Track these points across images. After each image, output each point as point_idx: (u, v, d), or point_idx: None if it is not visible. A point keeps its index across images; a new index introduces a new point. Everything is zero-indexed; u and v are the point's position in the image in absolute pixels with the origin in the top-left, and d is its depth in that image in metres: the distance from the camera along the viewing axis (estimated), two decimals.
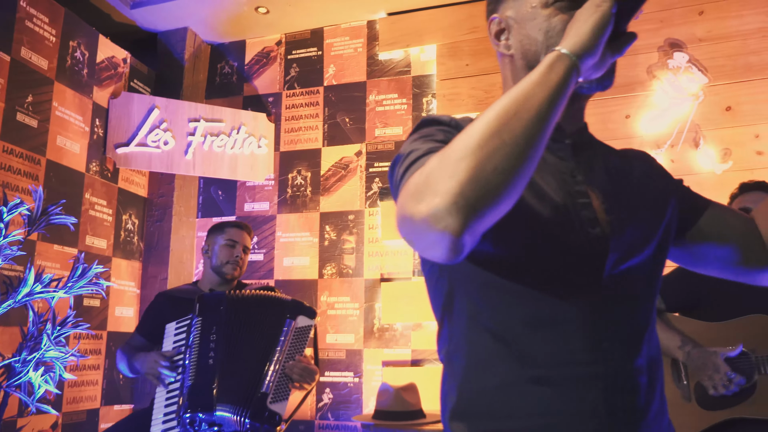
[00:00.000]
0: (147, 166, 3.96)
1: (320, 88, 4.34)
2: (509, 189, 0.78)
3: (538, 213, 0.95)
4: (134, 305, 4.02)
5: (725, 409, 2.09)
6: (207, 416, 2.27)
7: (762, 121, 3.47)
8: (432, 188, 0.76)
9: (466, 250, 0.79)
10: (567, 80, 0.84)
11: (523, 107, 0.81)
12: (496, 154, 0.77)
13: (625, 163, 1.13)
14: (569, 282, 0.95)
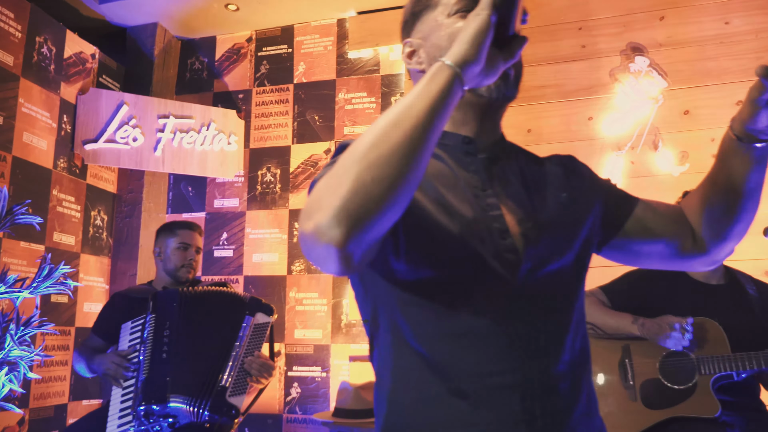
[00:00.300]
0: (116, 163, 3.96)
1: (290, 85, 4.37)
2: (390, 198, 0.80)
3: (449, 229, 0.98)
4: (103, 301, 4.03)
5: (668, 408, 2.18)
6: (161, 408, 2.33)
7: (718, 125, 3.57)
8: (318, 204, 0.80)
9: (357, 260, 0.83)
10: (448, 90, 0.86)
11: (404, 118, 0.83)
12: (375, 165, 0.79)
13: (545, 170, 1.15)
14: (483, 294, 0.98)
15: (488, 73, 0.92)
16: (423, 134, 0.83)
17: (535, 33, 3.94)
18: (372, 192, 0.79)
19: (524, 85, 3.64)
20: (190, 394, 2.37)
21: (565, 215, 1.08)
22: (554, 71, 3.89)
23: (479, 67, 0.89)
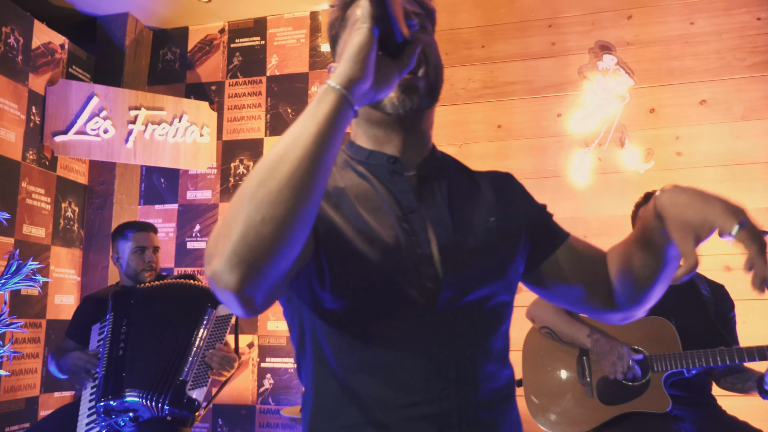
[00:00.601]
0: (86, 155, 3.94)
1: (263, 77, 4.37)
2: (282, 237, 0.77)
3: (369, 257, 0.96)
4: (74, 293, 4.03)
5: (622, 403, 2.27)
6: (118, 403, 2.37)
7: (682, 123, 3.66)
8: (214, 249, 0.78)
9: (260, 302, 0.80)
10: (335, 113, 0.82)
11: (291, 150, 0.79)
12: (264, 204, 0.76)
13: (476, 190, 1.12)
14: (403, 325, 0.97)
15: (381, 87, 0.88)
16: (312, 165, 0.79)
17: (506, 29, 3.99)
18: (262, 233, 0.75)
19: (495, 81, 3.71)
20: (146, 387, 2.40)
21: (491, 241, 1.05)
22: (524, 68, 3.94)
23: (368, 84, 0.85)
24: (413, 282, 0.97)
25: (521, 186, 1.21)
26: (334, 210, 1.00)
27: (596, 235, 3.63)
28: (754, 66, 3.60)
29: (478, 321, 1.01)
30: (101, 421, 2.40)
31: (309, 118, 0.82)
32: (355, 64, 0.83)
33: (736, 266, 3.35)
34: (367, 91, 0.86)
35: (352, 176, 1.07)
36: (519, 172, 3.81)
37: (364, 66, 0.84)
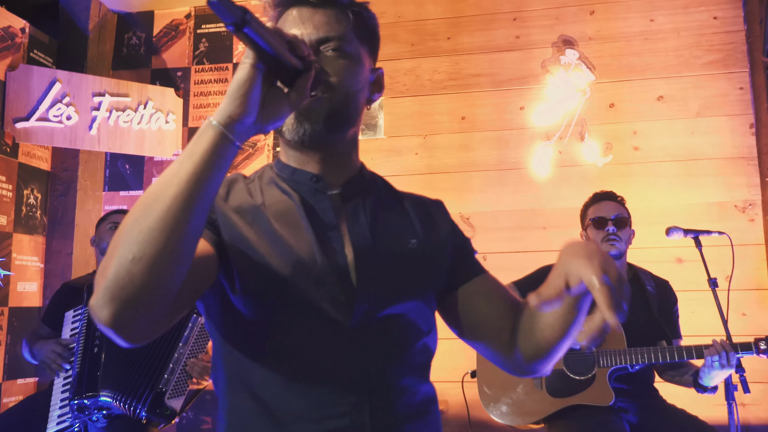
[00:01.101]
0: (49, 142, 3.91)
1: (229, 65, 4.35)
2: (154, 276, 0.78)
3: (284, 272, 0.98)
4: (38, 280, 4.03)
5: (570, 396, 2.38)
6: (92, 402, 2.39)
7: (640, 118, 3.75)
8: (96, 282, 0.81)
9: (140, 333, 0.82)
10: (213, 151, 0.83)
11: (166, 189, 0.80)
12: (134, 244, 0.78)
13: (402, 211, 1.15)
14: (317, 338, 0.99)
15: (269, 120, 0.89)
16: (186, 204, 0.80)
17: (472, 22, 4.03)
18: (133, 271, 0.77)
19: (460, 73, 3.77)
20: (122, 390, 2.42)
21: (410, 262, 1.08)
22: (489, 60, 3.99)
23: (250, 119, 0.86)
24: (327, 296, 0.99)
25: (449, 216, 1.23)
26: (249, 227, 1.02)
27: (555, 226, 3.73)
28: (710, 64, 3.70)
29: (393, 336, 1.04)
30: (74, 417, 2.42)
31: (187, 156, 0.83)
32: (235, 101, 0.84)
33: (687, 258, 3.48)
34: (251, 125, 0.87)
35: (276, 193, 1.09)
36: (482, 163, 3.90)
37: (244, 102, 0.84)
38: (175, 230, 0.80)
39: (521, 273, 3.69)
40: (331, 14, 1.06)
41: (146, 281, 0.78)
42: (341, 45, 1.05)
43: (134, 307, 0.79)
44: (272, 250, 1.00)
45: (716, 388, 2.28)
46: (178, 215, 0.80)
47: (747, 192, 3.57)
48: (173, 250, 0.80)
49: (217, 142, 0.83)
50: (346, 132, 1.09)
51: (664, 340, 2.45)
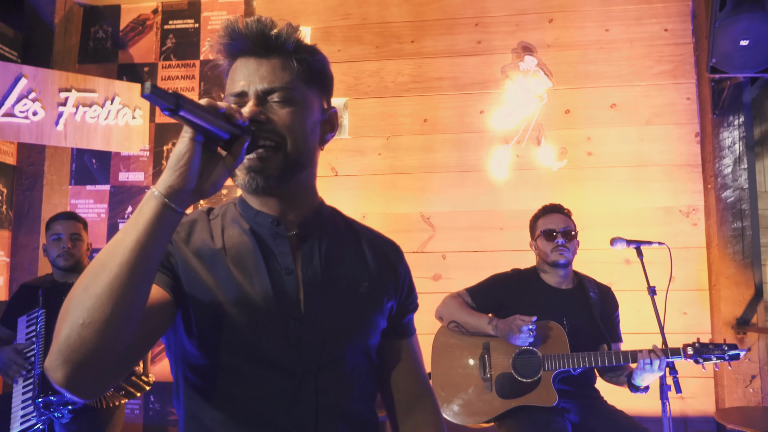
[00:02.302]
0: (15, 138, 3.93)
1: (196, 61, 4.40)
2: (103, 338, 0.85)
3: (237, 320, 1.06)
4: (4, 274, 4.06)
5: (517, 398, 2.55)
6: (58, 398, 2.50)
7: (594, 125, 3.92)
8: (52, 344, 0.87)
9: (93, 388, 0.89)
10: (156, 219, 0.88)
11: (112, 257, 0.86)
12: (84, 310, 0.84)
13: (358, 250, 1.22)
14: (266, 388, 1.07)
15: (209, 185, 0.94)
16: (132, 271, 0.86)
17: (435, 26, 4.14)
18: (83, 335, 0.84)
19: (423, 76, 3.93)
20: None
21: (359, 306, 1.16)
22: (451, 64, 4.11)
23: (191, 187, 0.91)
24: (277, 346, 1.07)
25: (406, 265, 1.31)
26: (207, 272, 1.09)
27: (511, 227, 3.90)
28: (660, 74, 3.88)
29: (339, 380, 1.12)
30: (39, 414, 2.52)
31: (132, 225, 0.89)
32: (175, 173, 0.90)
33: (634, 260, 3.66)
34: (191, 192, 0.92)
35: (237, 233, 1.15)
36: (443, 165, 4.04)
37: (184, 173, 0.90)
38: (122, 296, 0.86)
39: (478, 271, 3.85)
40: (276, 64, 1.11)
41: (96, 344, 0.84)
42: (286, 94, 1.10)
43: (86, 369, 0.85)
44: (228, 297, 1.07)
45: (648, 388, 2.48)
46: (125, 282, 0.86)
47: (691, 197, 3.78)
48: (121, 314, 0.86)
49: (159, 211, 0.89)
50: (302, 173, 1.15)
51: (605, 344, 2.64)
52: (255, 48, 1.11)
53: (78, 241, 3.00)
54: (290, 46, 1.12)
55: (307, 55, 1.15)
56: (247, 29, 1.10)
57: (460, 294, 2.77)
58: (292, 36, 1.12)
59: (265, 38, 1.10)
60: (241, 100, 1.10)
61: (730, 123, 3.67)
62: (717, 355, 2.41)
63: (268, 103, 1.10)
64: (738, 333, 3.55)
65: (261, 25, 1.10)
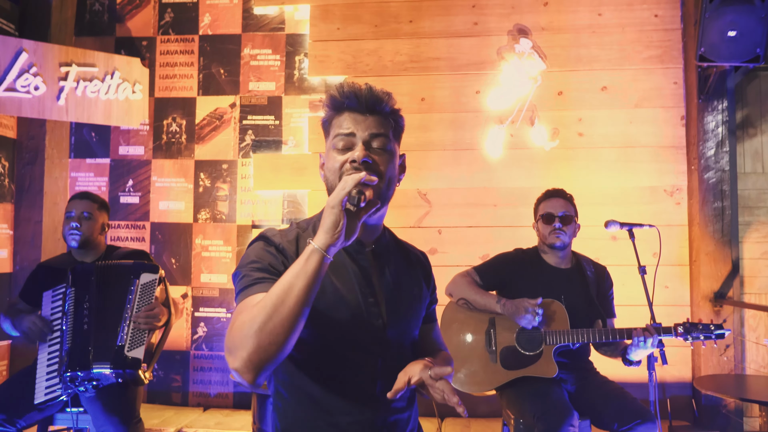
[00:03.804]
0: (17, 112, 3.95)
1: (195, 36, 4.43)
2: (282, 350, 1.22)
3: (335, 312, 1.41)
4: (8, 246, 4.13)
5: (520, 369, 2.75)
6: (85, 374, 2.64)
7: (585, 106, 4.09)
8: (235, 352, 1.22)
9: (263, 381, 1.24)
10: (318, 267, 1.23)
11: (288, 296, 1.21)
12: (271, 333, 1.20)
13: (407, 263, 1.60)
14: (359, 358, 1.43)
15: (351, 236, 1.28)
16: (303, 306, 1.22)
17: (432, 7, 4.23)
18: (269, 350, 1.21)
19: (420, 56, 4.09)
20: (107, 359, 2.68)
21: (413, 305, 1.56)
22: (447, 45, 4.22)
23: (340, 242, 1.25)
24: (368, 330, 1.45)
25: (430, 268, 1.70)
26: None
27: (504, 204, 4.08)
28: (649, 59, 4.04)
29: (403, 360, 1.47)
30: (65, 388, 2.65)
31: (300, 272, 1.23)
32: (330, 236, 1.24)
33: (620, 237, 3.89)
34: (340, 244, 1.26)
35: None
36: (439, 143, 4.19)
37: (336, 236, 1.24)
38: (297, 323, 1.22)
39: (472, 246, 4.04)
40: (378, 120, 1.44)
41: (277, 355, 1.22)
42: (385, 142, 1.43)
43: (266, 370, 1.23)
44: (329, 301, 1.41)
45: (640, 362, 2.70)
46: (298, 314, 1.22)
47: (675, 178, 3.99)
48: (294, 334, 1.23)
49: (320, 261, 1.24)
50: (386, 206, 1.48)
51: (600, 320, 2.85)
52: (364, 107, 1.43)
53: (87, 221, 3.06)
54: (388, 109, 1.46)
55: (396, 117, 1.49)
56: (361, 91, 1.42)
57: (469, 273, 2.94)
58: (390, 102, 1.45)
59: (374, 100, 1.43)
60: (348, 139, 1.42)
61: (714, 108, 3.86)
62: (705, 335, 2.63)
63: (372, 148, 1.41)
64: (715, 306, 3.81)
65: (372, 90, 1.43)
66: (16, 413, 2.72)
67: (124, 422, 2.73)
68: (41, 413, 2.79)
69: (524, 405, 2.66)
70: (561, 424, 2.48)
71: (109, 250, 3.15)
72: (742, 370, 3.91)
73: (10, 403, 2.75)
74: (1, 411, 2.70)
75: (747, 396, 3.11)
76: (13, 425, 2.70)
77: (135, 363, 2.72)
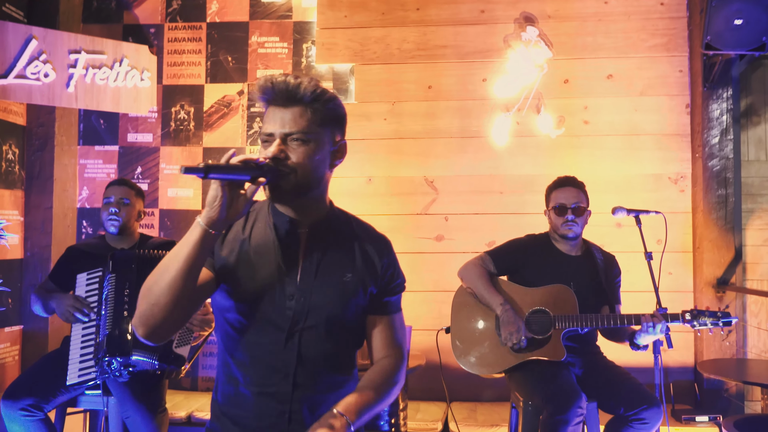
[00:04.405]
0: (27, 99, 3.98)
1: (203, 24, 4.45)
2: (166, 311, 1.35)
3: (250, 289, 1.49)
4: (19, 232, 4.17)
5: (529, 352, 2.81)
6: (123, 360, 2.67)
7: (591, 94, 4.12)
8: (135, 310, 1.39)
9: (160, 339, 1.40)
10: (198, 238, 1.33)
11: (172, 263, 1.34)
12: (155, 295, 1.35)
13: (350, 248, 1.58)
14: (267, 338, 1.48)
15: (236, 213, 1.36)
16: (184, 273, 1.34)
17: None
18: (153, 310, 1.36)
19: (427, 44, 4.14)
20: (147, 348, 2.71)
21: (342, 290, 1.54)
22: (454, 33, 4.24)
23: (222, 217, 1.33)
24: (279, 309, 1.49)
25: (391, 258, 1.65)
26: (234, 254, 1.52)
27: (510, 191, 4.12)
28: (654, 47, 4.08)
29: (317, 341, 1.51)
30: (101, 372, 2.68)
31: (184, 242, 1.35)
32: (211, 210, 1.33)
33: (625, 224, 3.93)
34: (223, 220, 1.35)
35: (262, 227, 1.56)
36: (446, 131, 4.23)
37: (217, 211, 1.33)
38: (178, 289, 1.35)
39: (478, 232, 4.09)
40: (296, 111, 1.46)
41: (162, 317, 1.37)
42: (302, 136, 1.46)
43: (155, 329, 1.39)
44: (247, 272, 1.50)
45: (647, 347, 2.76)
46: (179, 281, 1.34)
47: (679, 165, 4.04)
48: (177, 299, 1.36)
49: (202, 234, 1.34)
50: (314, 190, 1.52)
51: (607, 305, 2.91)
52: (281, 100, 1.47)
53: (126, 206, 3.09)
54: (308, 99, 1.47)
55: (321, 104, 1.49)
56: (274, 85, 1.46)
57: (483, 259, 2.98)
58: (309, 90, 1.46)
59: (288, 92, 1.46)
60: (270, 138, 1.47)
61: (719, 96, 3.90)
62: (712, 322, 2.68)
63: (288, 143, 1.46)
64: (718, 292, 3.87)
65: (285, 83, 1.45)
66: (44, 398, 2.76)
67: (150, 410, 2.78)
68: (66, 395, 2.84)
69: (533, 388, 2.72)
70: (569, 407, 2.54)
71: (142, 239, 3.18)
72: (744, 355, 3.97)
73: (38, 388, 2.79)
74: (30, 396, 2.74)
75: (748, 379, 3.18)
76: (41, 410, 2.75)
77: (179, 360, 2.76)
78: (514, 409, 2.97)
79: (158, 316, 1.35)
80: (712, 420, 3.54)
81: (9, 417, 2.73)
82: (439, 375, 3.27)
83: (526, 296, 2.89)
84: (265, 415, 1.49)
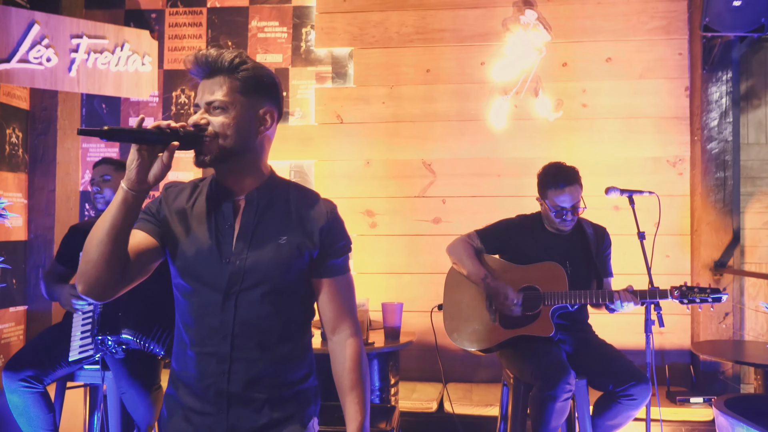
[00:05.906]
0: (30, 83, 4.03)
1: (203, 8, 4.48)
2: (99, 269, 1.43)
3: (188, 253, 1.55)
4: (23, 215, 4.23)
5: (518, 328, 2.83)
6: (115, 338, 2.73)
7: (589, 78, 4.12)
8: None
9: (101, 296, 1.48)
10: (122, 201, 1.40)
11: (101, 224, 1.43)
12: (87, 252, 1.44)
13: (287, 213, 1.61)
14: (208, 301, 1.54)
15: (155, 176, 1.42)
16: (112, 232, 1.42)
17: None
18: (87, 267, 1.45)
19: (426, 28, 4.15)
20: (139, 330, 2.76)
21: (275, 254, 1.56)
22: (453, 16, 4.25)
23: (140, 178, 1.40)
24: (216, 272, 1.55)
25: (333, 217, 1.65)
26: (177, 223, 1.59)
27: (508, 174, 4.13)
28: (654, 30, 4.06)
29: (254, 302, 1.55)
30: (96, 349, 2.74)
31: (112, 205, 1.43)
32: (129, 173, 1.41)
33: (622, 206, 3.93)
34: (144, 182, 1.42)
35: (203, 200, 1.62)
36: (444, 114, 4.24)
37: (134, 173, 1.40)
38: (107, 247, 1.43)
39: (476, 215, 4.10)
40: (216, 81, 1.52)
41: (97, 273, 1.45)
42: (221, 104, 1.50)
43: (93, 285, 1.46)
44: (186, 238, 1.57)
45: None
46: (107, 240, 1.43)
47: (678, 148, 4.02)
48: (108, 256, 1.44)
49: (125, 195, 1.42)
50: (241, 157, 1.55)
51: (596, 279, 2.93)
52: (204, 71, 1.53)
53: (107, 182, 3.12)
54: (227, 68, 1.52)
55: (242, 72, 1.53)
56: (197, 58, 1.52)
57: (470, 236, 3.01)
58: (228, 59, 1.52)
59: (208, 63, 1.52)
60: (197, 108, 1.54)
61: (719, 78, 3.88)
62: (701, 298, 2.69)
63: (211, 111, 1.51)
64: (715, 275, 3.86)
65: (206, 54, 1.52)
66: (44, 371, 2.82)
67: (145, 387, 2.83)
68: (66, 369, 2.89)
69: (523, 364, 2.74)
70: (558, 382, 2.57)
71: None
72: (741, 338, 3.97)
73: (38, 360, 2.84)
74: (31, 367, 2.80)
75: (743, 359, 3.18)
76: (41, 382, 2.81)
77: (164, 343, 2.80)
78: (506, 387, 3.00)
79: (91, 273, 1.43)
80: (706, 401, 3.55)
81: (9, 388, 2.78)
82: (436, 356, 3.30)
83: (516, 273, 2.91)
84: (206, 374, 1.55)
